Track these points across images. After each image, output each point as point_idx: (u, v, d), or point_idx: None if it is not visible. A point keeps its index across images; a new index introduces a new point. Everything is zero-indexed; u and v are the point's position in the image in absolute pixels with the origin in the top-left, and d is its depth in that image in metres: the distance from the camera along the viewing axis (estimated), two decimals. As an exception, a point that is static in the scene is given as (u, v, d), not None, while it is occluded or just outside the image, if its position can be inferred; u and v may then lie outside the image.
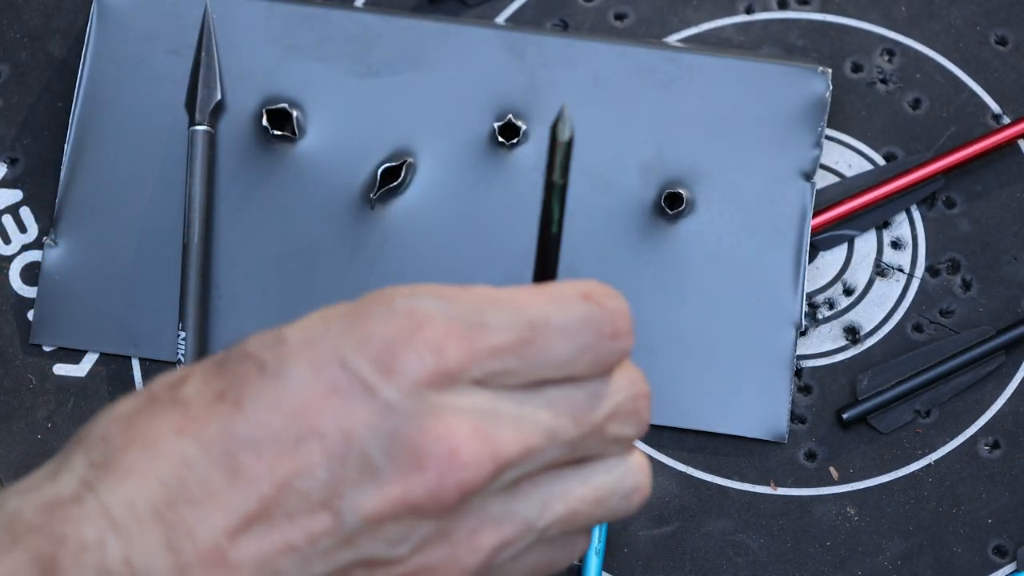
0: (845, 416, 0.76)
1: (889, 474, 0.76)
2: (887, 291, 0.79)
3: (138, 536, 0.51)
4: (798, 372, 0.77)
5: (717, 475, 0.76)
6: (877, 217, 0.79)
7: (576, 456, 0.55)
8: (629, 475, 0.56)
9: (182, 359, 0.75)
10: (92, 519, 0.51)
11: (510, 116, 0.78)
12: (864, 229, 0.79)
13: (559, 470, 0.55)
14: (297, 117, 0.78)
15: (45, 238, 0.78)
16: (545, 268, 0.58)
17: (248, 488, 0.52)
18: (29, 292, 0.78)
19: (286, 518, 0.52)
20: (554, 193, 0.59)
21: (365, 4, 0.82)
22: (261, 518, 0.51)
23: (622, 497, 0.56)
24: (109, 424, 0.53)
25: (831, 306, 0.78)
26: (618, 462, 0.56)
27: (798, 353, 0.77)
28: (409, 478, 0.52)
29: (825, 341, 0.78)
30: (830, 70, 0.79)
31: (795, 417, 0.77)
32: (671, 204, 0.77)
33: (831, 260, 0.79)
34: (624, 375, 0.56)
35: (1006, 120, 0.80)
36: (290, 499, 0.52)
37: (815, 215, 0.78)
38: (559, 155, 0.58)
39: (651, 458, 0.76)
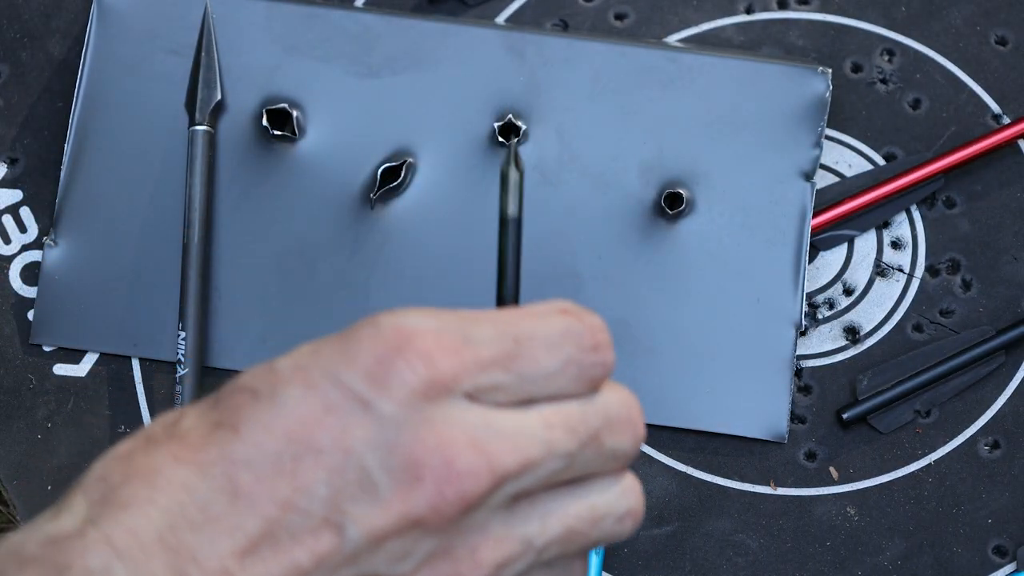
0: (845, 416, 0.76)
1: (889, 474, 0.76)
2: (887, 291, 0.79)
3: (143, 563, 0.51)
4: (798, 372, 0.77)
5: (717, 475, 0.76)
6: (877, 217, 0.79)
7: (574, 473, 0.55)
8: (623, 496, 0.56)
9: (182, 359, 0.75)
10: (95, 549, 0.51)
11: (510, 116, 0.78)
12: (864, 229, 0.79)
13: (555, 489, 0.55)
14: (297, 117, 0.78)
15: (45, 238, 0.78)
16: (504, 302, 0.59)
17: (250, 510, 0.52)
18: (29, 292, 0.78)
19: (290, 538, 0.52)
20: (508, 228, 0.61)
21: (365, 4, 0.82)
22: (266, 539, 0.52)
23: (617, 519, 0.56)
24: (106, 464, 0.53)
25: (831, 306, 0.78)
26: (612, 482, 0.56)
27: (798, 353, 0.77)
28: (409, 491, 0.52)
29: (825, 341, 0.78)
30: (830, 70, 0.79)
31: (795, 417, 0.77)
32: (671, 204, 0.77)
33: (831, 260, 0.79)
34: (612, 390, 0.57)
35: (1006, 120, 0.80)
36: (293, 519, 0.52)
37: (815, 215, 0.78)
38: (511, 190, 0.61)
39: (651, 458, 0.76)
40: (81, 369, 0.78)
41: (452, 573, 0.53)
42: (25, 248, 0.79)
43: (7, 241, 0.79)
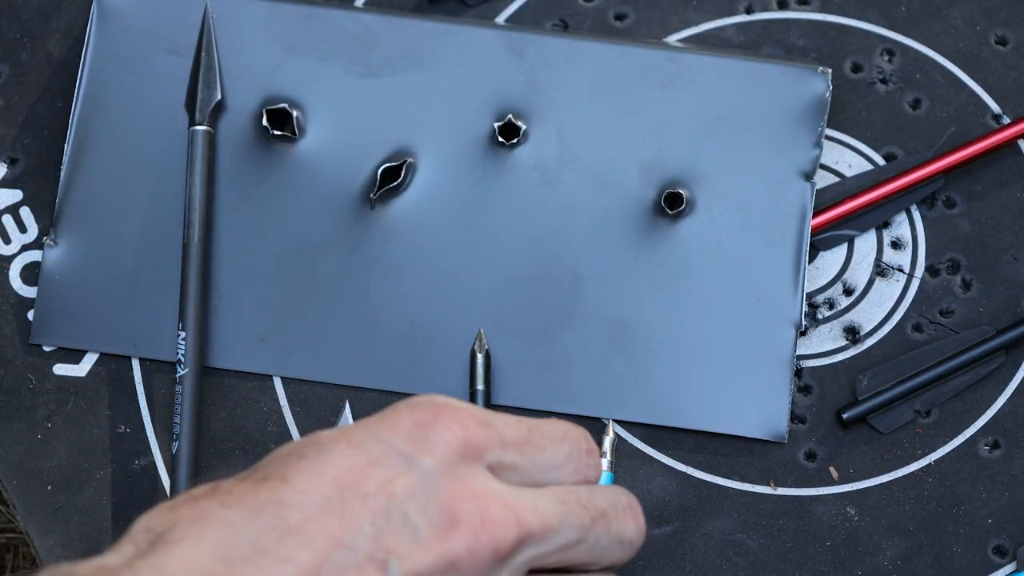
0: (845, 416, 0.76)
1: (889, 474, 0.76)
2: (887, 291, 0.79)
3: None
4: (798, 372, 0.77)
5: (717, 475, 0.76)
6: (877, 217, 0.79)
7: (585, 551, 0.61)
8: None
9: (182, 359, 0.75)
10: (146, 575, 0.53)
11: (510, 116, 0.78)
12: (864, 229, 0.79)
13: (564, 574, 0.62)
14: (297, 117, 0.78)
15: (45, 238, 0.78)
16: None
17: (301, 544, 0.55)
18: (29, 292, 0.78)
19: (338, 572, 0.55)
20: (477, 401, 0.75)
21: (365, 4, 0.82)
22: (315, 572, 0.55)
23: None
24: (151, 516, 0.56)
25: (831, 306, 0.78)
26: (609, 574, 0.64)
27: (798, 353, 0.77)
28: (446, 535, 0.57)
29: (825, 341, 0.78)
30: (830, 70, 0.79)
31: (795, 417, 0.77)
32: (671, 204, 0.77)
33: (831, 260, 0.79)
34: (613, 486, 0.65)
35: (1006, 120, 0.80)
36: (341, 554, 0.55)
37: (815, 215, 0.78)
38: (479, 368, 0.75)
39: (651, 458, 0.76)
40: (81, 369, 0.77)
41: None
42: (25, 248, 0.79)
43: (7, 241, 0.79)
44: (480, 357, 0.75)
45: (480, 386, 0.75)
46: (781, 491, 0.76)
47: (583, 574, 0.64)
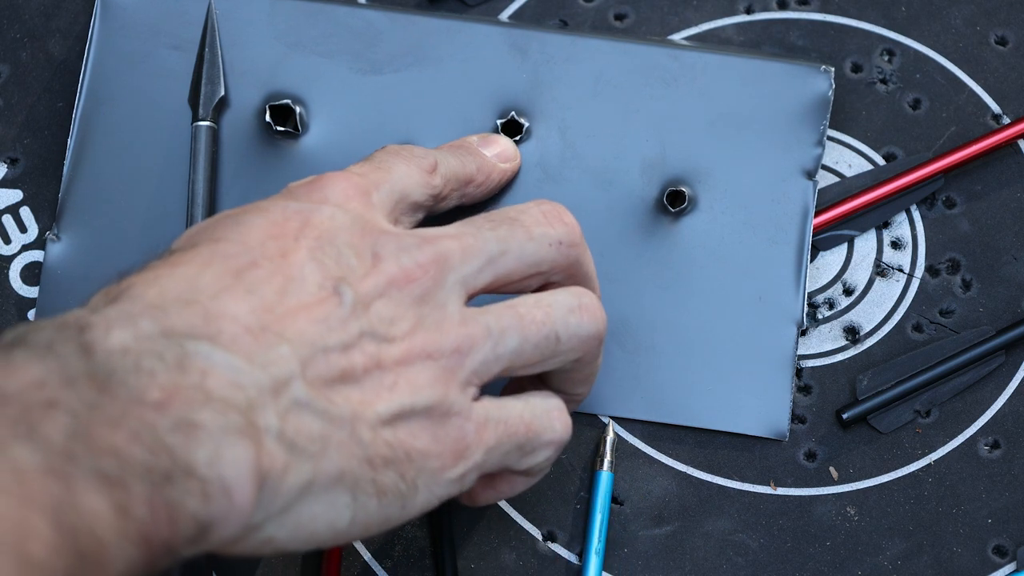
0: (845, 416, 0.76)
1: (889, 474, 0.76)
2: (887, 291, 0.79)
3: (170, 317, 0.56)
4: (798, 372, 0.77)
5: (717, 475, 0.76)
6: (877, 217, 0.79)
7: (514, 261, 0.64)
8: (572, 295, 0.65)
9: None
10: (113, 315, 0.55)
11: (513, 113, 0.78)
12: (864, 229, 0.79)
13: (505, 294, 0.65)
14: (300, 113, 0.78)
15: (48, 233, 0.78)
16: None
17: (258, 282, 0.58)
18: (29, 292, 0.78)
19: (299, 300, 0.58)
20: None
21: (368, 0, 0.82)
22: (280, 300, 0.58)
23: (567, 310, 0.65)
24: (103, 292, 0.58)
25: (831, 306, 0.78)
26: (562, 289, 0.66)
27: (798, 353, 0.77)
28: (375, 265, 0.61)
29: (825, 341, 0.78)
30: (833, 68, 0.79)
31: (795, 417, 0.77)
32: (673, 202, 0.77)
33: (831, 260, 0.79)
34: (528, 203, 0.67)
35: (1006, 120, 0.80)
36: (295, 287, 0.59)
37: (815, 215, 0.78)
38: None
39: (651, 458, 0.76)
40: (81, 366, 0.77)
41: (430, 341, 0.61)
42: (25, 248, 0.79)
43: (7, 241, 0.79)
44: None
45: None
46: (781, 491, 0.76)
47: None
